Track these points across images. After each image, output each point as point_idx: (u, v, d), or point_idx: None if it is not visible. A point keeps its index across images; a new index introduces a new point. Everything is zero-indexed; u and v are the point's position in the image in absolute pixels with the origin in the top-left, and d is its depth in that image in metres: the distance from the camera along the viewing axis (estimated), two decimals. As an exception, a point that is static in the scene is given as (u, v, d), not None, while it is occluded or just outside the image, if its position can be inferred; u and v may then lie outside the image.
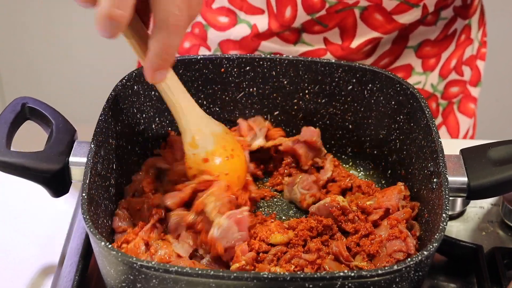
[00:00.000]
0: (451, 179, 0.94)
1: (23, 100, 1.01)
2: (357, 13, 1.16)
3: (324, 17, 1.16)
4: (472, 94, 1.38)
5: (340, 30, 1.18)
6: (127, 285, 0.84)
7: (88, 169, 0.91)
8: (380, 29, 1.19)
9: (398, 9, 1.16)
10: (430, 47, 1.26)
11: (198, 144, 0.98)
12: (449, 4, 1.25)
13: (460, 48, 1.31)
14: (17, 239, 1.10)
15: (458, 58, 1.32)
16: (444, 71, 1.30)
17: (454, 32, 1.28)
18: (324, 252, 0.94)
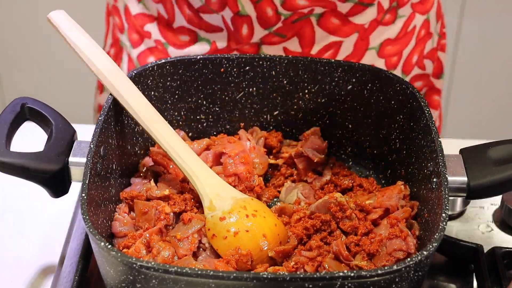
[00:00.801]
0: (450, 178, 0.94)
1: (22, 100, 1.01)
2: (314, 20, 1.16)
3: (281, 28, 1.16)
4: (436, 86, 1.38)
5: (299, 39, 1.18)
6: (127, 286, 0.84)
7: (88, 169, 0.91)
8: (338, 33, 1.19)
9: (354, 10, 1.16)
10: (391, 45, 1.26)
11: (216, 206, 0.98)
12: (405, 2, 1.25)
13: (420, 43, 1.32)
14: (17, 239, 1.10)
15: (420, 53, 1.33)
16: (406, 67, 1.31)
17: (414, 28, 1.28)
18: (325, 250, 0.94)
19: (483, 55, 2.33)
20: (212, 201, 0.98)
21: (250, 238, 0.95)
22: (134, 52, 1.32)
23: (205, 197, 0.99)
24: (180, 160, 0.99)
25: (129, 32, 1.32)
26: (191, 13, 1.21)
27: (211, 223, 0.96)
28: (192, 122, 1.13)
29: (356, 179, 1.08)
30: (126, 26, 1.32)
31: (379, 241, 0.94)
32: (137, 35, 1.31)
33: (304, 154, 1.09)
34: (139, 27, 1.30)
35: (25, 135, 1.04)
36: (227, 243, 0.94)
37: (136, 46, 1.31)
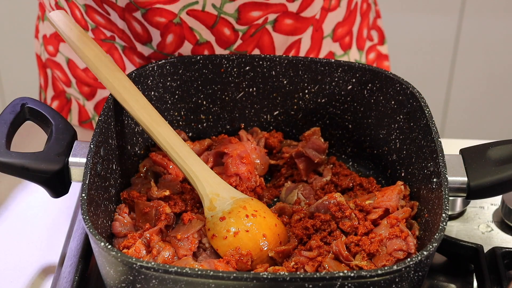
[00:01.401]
0: (450, 179, 0.94)
1: (22, 100, 1.01)
2: (270, 28, 1.16)
3: (241, 45, 1.15)
4: (383, 53, 1.39)
5: (260, 50, 1.18)
6: (127, 286, 0.84)
7: (88, 170, 0.91)
8: (294, 32, 1.19)
9: (303, 6, 1.16)
10: (341, 27, 1.26)
11: (216, 206, 0.98)
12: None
13: (365, 17, 1.32)
14: (17, 239, 1.10)
15: (367, 26, 1.33)
16: (360, 43, 1.32)
17: (355, 5, 1.28)
18: (325, 250, 0.94)
19: (483, 55, 2.33)
20: (212, 201, 0.98)
21: (250, 238, 0.95)
22: (90, 104, 1.29)
23: (205, 197, 0.99)
24: (180, 161, 0.99)
25: (78, 85, 1.29)
26: (142, 62, 1.19)
27: (211, 223, 0.96)
28: (192, 122, 1.13)
29: (356, 179, 1.08)
30: (73, 80, 1.29)
31: (379, 241, 0.94)
32: (89, 87, 1.28)
33: (304, 154, 1.09)
34: (92, 79, 1.27)
35: (25, 135, 1.04)
36: (227, 243, 0.94)
37: (91, 98, 1.29)
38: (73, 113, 1.32)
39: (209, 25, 1.12)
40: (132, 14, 1.10)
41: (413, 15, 2.24)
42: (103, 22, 1.15)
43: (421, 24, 2.26)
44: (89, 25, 1.18)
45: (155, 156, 1.06)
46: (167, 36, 1.12)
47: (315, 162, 1.09)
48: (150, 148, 1.09)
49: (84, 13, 1.16)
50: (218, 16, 1.10)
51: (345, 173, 1.09)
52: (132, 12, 1.10)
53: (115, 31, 1.16)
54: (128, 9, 1.10)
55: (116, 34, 1.16)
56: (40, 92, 1.40)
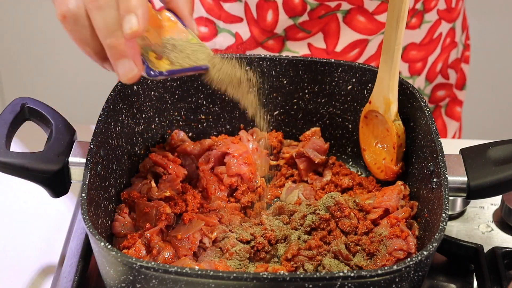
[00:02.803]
0: (451, 178, 0.94)
1: (22, 100, 1.01)
2: (340, 17, 1.16)
3: (307, 23, 1.15)
4: (458, 98, 1.39)
5: (324, 35, 1.18)
6: (127, 286, 0.84)
7: (88, 170, 0.91)
8: (363, 31, 1.19)
9: (380, 9, 1.16)
10: (416, 51, 1.26)
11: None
12: (432, 7, 1.25)
13: (445, 52, 1.32)
14: (17, 239, 1.10)
15: (444, 62, 1.32)
16: (430, 75, 1.31)
17: (439, 35, 1.28)
18: (324, 250, 0.94)
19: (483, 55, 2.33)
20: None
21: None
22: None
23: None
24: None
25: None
26: (211, 2, 1.20)
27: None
28: (192, 122, 1.13)
29: (356, 178, 1.08)
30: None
31: (379, 240, 0.94)
32: None
33: (305, 154, 1.09)
34: None
35: (25, 135, 1.04)
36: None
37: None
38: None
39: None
40: None
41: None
42: None
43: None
44: None
45: (155, 156, 1.06)
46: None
47: (316, 162, 1.09)
48: (150, 148, 1.09)
49: None
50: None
51: (345, 172, 1.09)
52: None
53: None
54: None
55: None
56: None
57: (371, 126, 1.06)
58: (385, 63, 1.00)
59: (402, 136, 1.04)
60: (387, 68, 1.00)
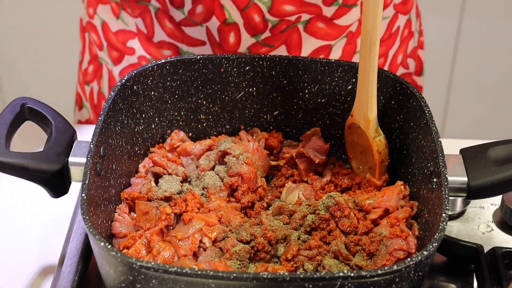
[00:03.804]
0: (451, 179, 0.94)
1: (22, 100, 1.01)
2: (301, 27, 1.16)
3: (269, 38, 1.16)
4: (418, 84, 1.39)
5: (286, 46, 1.18)
6: (127, 286, 0.84)
7: (88, 170, 0.91)
8: (325, 37, 1.20)
9: (338, 13, 1.16)
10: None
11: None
12: (388, 3, 1.26)
13: (404, 43, 1.32)
14: (17, 239, 1.10)
15: (404, 53, 1.33)
16: (392, 68, 1.32)
17: (397, 29, 1.28)
18: (324, 250, 0.94)
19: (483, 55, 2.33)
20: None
21: None
22: (116, 69, 1.31)
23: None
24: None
25: (108, 49, 1.31)
26: (172, 27, 1.20)
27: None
28: (192, 122, 1.13)
29: (356, 178, 1.08)
30: (105, 44, 1.31)
31: (379, 240, 0.94)
32: (117, 52, 1.30)
33: (305, 154, 1.09)
34: (121, 44, 1.28)
35: (25, 135, 1.04)
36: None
37: (117, 63, 1.31)
38: (104, 78, 1.33)
39: (241, 7, 1.11)
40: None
41: (413, 15, 2.24)
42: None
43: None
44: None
45: (155, 156, 1.06)
46: (198, 5, 1.12)
47: (316, 162, 1.09)
48: (150, 148, 1.09)
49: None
50: (252, 0, 1.10)
51: (345, 172, 1.09)
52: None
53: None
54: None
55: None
56: (82, 56, 1.42)
57: (356, 135, 1.07)
58: (362, 84, 1.02)
59: (383, 151, 1.05)
60: (365, 88, 1.01)
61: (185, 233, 0.96)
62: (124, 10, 1.26)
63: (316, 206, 1.00)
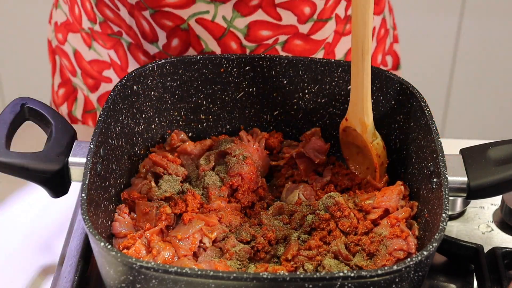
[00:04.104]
0: (451, 179, 0.94)
1: (22, 100, 1.01)
2: (279, 48, 1.16)
3: None
4: None
5: None
6: (127, 286, 0.84)
7: (88, 170, 0.91)
8: (303, 53, 1.20)
9: (314, 28, 1.16)
10: None
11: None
12: None
13: (381, 43, 1.32)
14: (17, 239, 1.10)
15: (382, 52, 1.33)
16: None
17: (373, 30, 1.28)
18: (324, 250, 0.94)
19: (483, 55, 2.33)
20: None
21: None
22: (94, 95, 1.30)
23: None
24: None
25: (83, 77, 1.29)
26: (146, 60, 1.19)
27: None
28: (192, 122, 1.13)
29: (356, 178, 1.08)
30: (78, 71, 1.29)
31: (379, 241, 0.94)
32: (93, 80, 1.28)
33: (305, 155, 1.09)
34: (97, 73, 1.27)
35: (25, 135, 1.04)
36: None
37: (95, 90, 1.29)
38: (78, 102, 1.32)
39: (217, 36, 1.12)
40: (141, 12, 1.10)
41: (413, 15, 2.24)
42: (112, 16, 1.15)
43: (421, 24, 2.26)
44: (97, 18, 1.18)
45: (155, 156, 1.06)
46: (173, 39, 1.12)
47: (316, 162, 1.09)
48: (150, 148, 1.09)
49: (94, 6, 1.16)
50: (227, 29, 1.10)
51: (345, 172, 1.09)
52: (141, 10, 1.10)
53: (123, 26, 1.16)
54: (138, 7, 1.10)
55: (124, 30, 1.16)
56: (52, 78, 1.41)
57: (351, 137, 1.07)
58: (356, 89, 1.02)
59: (382, 154, 1.05)
60: (358, 93, 1.02)
61: (185, 233, 0.96)
62: (95, 41, 1.24)
63: (316, 206, 1.00)
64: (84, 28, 1.25)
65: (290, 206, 1.02)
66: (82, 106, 1.32)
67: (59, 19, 1.31)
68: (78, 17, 1.24)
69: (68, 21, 1.28)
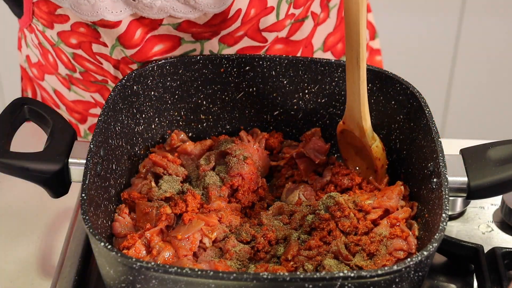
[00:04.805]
0: (451, 179, 0.94)
1: (22, 100, 1.01)
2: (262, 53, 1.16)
3: None
4: (374, 48, 1.39)
5: None
6: (127, 286, 0.84)
7: (88, 170, 0.91)
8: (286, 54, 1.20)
9: (293, 29, 1.16)
10: (332, 36, 1.26)
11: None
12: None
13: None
14: (17, 239, 1.10)
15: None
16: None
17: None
18: (324, 250, 0.94)
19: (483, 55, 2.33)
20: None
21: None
22: (82, 126, 1.28)
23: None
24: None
25: (68, 111, 1.26)
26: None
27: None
28: (192, 122, 1.13)
29: (356, 178, 1.08)
30: (62, 107, 1.26)
31: (379, 241, 0.94)
32: (80, 115, 1.26)
33: (305, 155, 1.09)
34: (82, 110, 1.24)
35: (25, 135, 1.04)
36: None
37: (83, 123, 1.27)
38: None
39: None
40: (128, 65, 1.09)
41: (413, 15, 2.24)
42: (94, 68, 1.13)
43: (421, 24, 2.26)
44: (77, 69, 1.15)
45: (155, 156, 1.06)
46: None
47: (316, 162, 1.09)
48: (150, 149, 1.09)
49: (72, 59, 1.13)
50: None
51: (345, 173, 1.09)
52: (128, 64, 1.09)
53: (107, 76, 1.14)
54: (124, 62, 1.09)
55: (109, 79, 1.15)
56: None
57: (349, 138, 1.07)
58: (353, 95, 1.02)
59: (382, 156, 1.05)
60: (355, 99, 1.02)
61: (185, 233, 0.96)
62: (74, 85, 1.21)
63: (316, 206, 1.00)
64: (61, 74, 1.20)
65: (290, 206, 1.02)
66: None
67: (31, 56, 1.25)
68: (53, 64, 1.19)
69: (40, 63, 1.23)
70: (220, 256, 0.95)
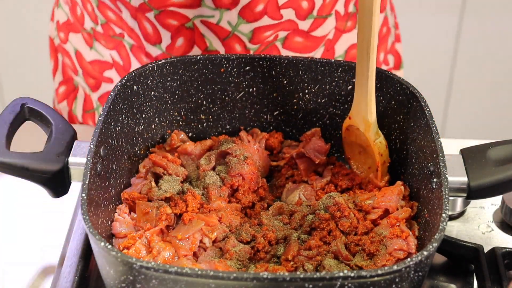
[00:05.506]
0: (451, 179, 0.94)
1: (22, 100, 1.01)
2: (279, 44, 1.16)
3: None
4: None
5: None
6: (127, 286, 0.84)
7: (88, 170, 0.91)
8: (303, 50, 1.20)
9: (314, 25, 1.17)
10: (355, 49, 1.26)
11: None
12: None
13: (383, 41, 1.32)
14: (17, 239, 1.10)
15: (384, 50, 1.33)
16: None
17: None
18: (324, 250, 0.94)
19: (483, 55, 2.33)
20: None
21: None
22: (95, 94, 1.30)
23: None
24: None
25: (84, 76, 1.30)
26: (149, 61, 1.19)
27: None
28: (192, 122, 1.13)
29: (356, 178, 1.08)
30: (80, 71, 1.30)
31: (379, 241, 0.94)
32: (95, 80, 1.29)
33: (305, 155, 1.09)
34: (98, 73, 1.27)
35: (25, 135, 1.04)
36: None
37: (96, 89, 1.30)
38: (78, 101, 1.32)
39: (222, 37, 1.12)
40: (144, 14, 1.10)
41: (413, 15, 2.24)
42: (114, 18, 1.15)
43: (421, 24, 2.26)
44: (99, 20, 1.18)
45: (155, 156, 1.06)
46: (177, 39, 1.12)
47: (316, 162, 1.09)
48: (150, 149, 1.09)
49: (96, 8, 1.16)
50: (232, 32, 1.11)
51: (345, 173, 1.09)
52: (145, 12, 1.10)
53: (125, 29, 1.16)
54: (141, 9, 1.10)
55: (126, 32, 1.16)
56: (53, 75, 1.40)
57: (354, 136, 1.07)
58: (360, 88, 1.02)
59: (384, 153, 1.05)
60: (363, 92, 1.02)
61: (185, 233, 0.96)
62: (97, 41, 1.25)
63: (316, 206, 1.00)
64: (86, 29, 1.25)
65: (290, 206, 1.02)
66: (81, 105, 1.32)
67: (60, 18, 1.31)
68: (80, 17, 1.25)
69: (69, 21, 1.28)
70: (220, 256, 0.95)
